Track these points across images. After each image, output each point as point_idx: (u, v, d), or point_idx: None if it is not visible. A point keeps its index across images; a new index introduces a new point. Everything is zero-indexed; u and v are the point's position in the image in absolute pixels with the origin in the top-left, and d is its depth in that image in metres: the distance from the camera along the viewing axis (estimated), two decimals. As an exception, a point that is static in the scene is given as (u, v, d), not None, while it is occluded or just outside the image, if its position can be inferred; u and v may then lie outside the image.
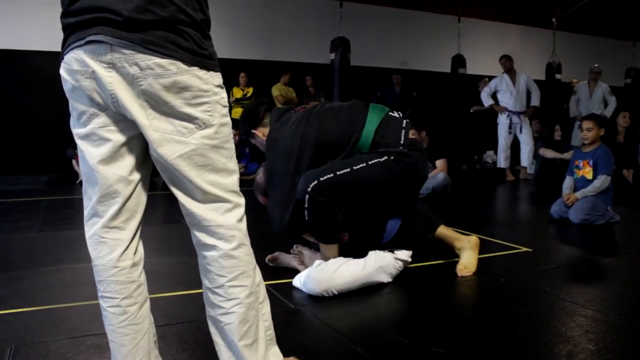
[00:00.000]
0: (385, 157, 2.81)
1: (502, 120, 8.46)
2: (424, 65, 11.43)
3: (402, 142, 2.85)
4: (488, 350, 2.06)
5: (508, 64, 8.37)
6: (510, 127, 8.35)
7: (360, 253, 2.83)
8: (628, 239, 4.30)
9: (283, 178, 2.87)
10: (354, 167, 2.76)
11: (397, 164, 2.82)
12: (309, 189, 2.69)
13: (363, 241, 2.89)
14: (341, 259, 2.77)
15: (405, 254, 2.93)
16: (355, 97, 9.03)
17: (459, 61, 9.81)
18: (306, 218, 2.76)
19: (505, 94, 8.41)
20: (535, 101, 8.39)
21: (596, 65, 9.03)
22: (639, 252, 3.69)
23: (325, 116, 2.94)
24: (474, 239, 3.17)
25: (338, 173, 2.73)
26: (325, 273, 2.66)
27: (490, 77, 9.08)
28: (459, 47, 9.86)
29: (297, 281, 2.77)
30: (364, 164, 2.77)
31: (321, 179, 2.70)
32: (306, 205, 2.71)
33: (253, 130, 3.14)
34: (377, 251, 2.86)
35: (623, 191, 6.25)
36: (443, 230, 3.20)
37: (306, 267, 2.94)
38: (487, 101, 8.55)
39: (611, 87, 9.02)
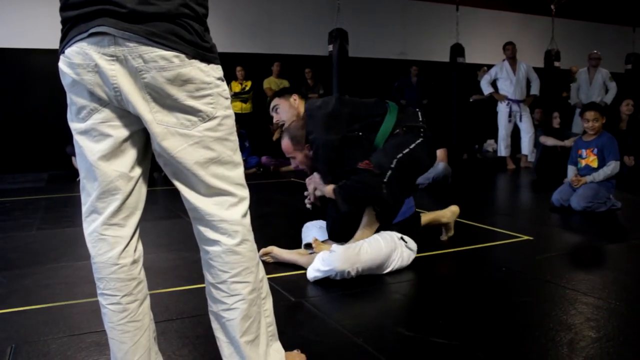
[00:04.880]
0: (421, 139, 3.02)
1: (502, 109, 8.43)
2: (423, 55, 11.40)
3: (420, 119, 3.12)
4: (489, 339, 2.05)
5: (514, 51, 8.34)
6: (510, 116, 8.33)
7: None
8: (630, 226, 4.29)
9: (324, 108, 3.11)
10: (410, 147, 2.97)
11: (427, 147, 3.05)
12: (392, 165, 2.88)
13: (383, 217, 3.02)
14: (360, 241, 2.84)
15: (413, 245, 2.98)
16: (355, 88, 9.01)
17: (457, 50, 9.76)
18: (384, 191, 2.86)
19: (505, 82, 8.38)
20: (535, 90, 8.37)
21: (595, 51, 8.99)
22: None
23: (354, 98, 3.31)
24: (454, 208, 3.52)
25: (404, 152, 2.94)
26: (352, 250, 2.72)
27: (489, 66, 9.04)
28: (457, 36, 9.81)
29: (312, 271, 2.74)
30: (413, 145, 2.99)
31: (398, 156, 2.91)
32: (386, 180, 2.85)
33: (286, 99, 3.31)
34: (389, 234, 2.91)
35: (624, 177, 6.24)
36: (424, 218, 3.40)
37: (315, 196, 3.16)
38: (486, 89, 8.52)
39: (612, 73, 8.98)
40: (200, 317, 2.20)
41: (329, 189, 2.98)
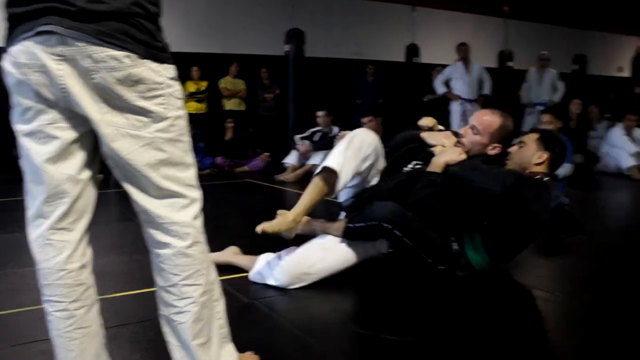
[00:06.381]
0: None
1: (455, 108, 8.58)
2: (379, 55, 11.45)
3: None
4: (440, 335, 2.09)
5: (467, 52, 8.51)
6: (463, 115, 8.48)
7: None
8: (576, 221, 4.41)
9: None
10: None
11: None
12: (383, 223, 2.60)
13: None
14: (317, 249, 2.70)
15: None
16: (311, 88, 8.89)
17: (413, 50, 9.91)
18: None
19: (459, 81, 8.53)
20: (487, 90, 8.55)
21: (544, 52, 9.24)
22: (586, 233, 3.79)
23: None
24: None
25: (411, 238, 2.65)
26: (301, 267, 2.61)
27: (444, 66, 9.18)
28: (413, 36, 9.94)
29: (257, 276, 2.72)
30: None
31: (395, 222, 2.60)
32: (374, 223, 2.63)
33: None
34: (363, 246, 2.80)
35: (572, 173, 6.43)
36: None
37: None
38: (440, 88, 8.66)
39: (560, 73, 9.24)
40: (152, 321, 2.15)
41: (438, 163, 2.70)
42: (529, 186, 2.56)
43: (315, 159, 7.23)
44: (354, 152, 2.68)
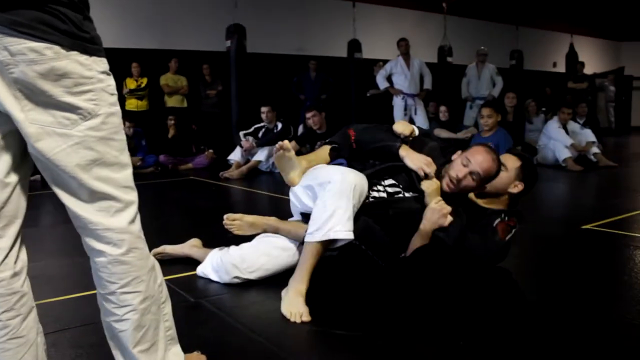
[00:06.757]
0: None
1: (398, 103, 8.71)
2: (321, 51, 11.49)
3: None
4: (388, 328, 2.11)
5: (407, 47, 8.63)
6: (405, 109, 8.62)
7: None
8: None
9: None
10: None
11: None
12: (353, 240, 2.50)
13: None
14: (266, 248, 2.65)
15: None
16: (254, 84, 8.83)
17: (354, 46, 9.98)
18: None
19: (400, 76, 8.66)
20: (428, 84, 8.72)
21: (482, 47, 9.48)
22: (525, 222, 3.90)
23: None
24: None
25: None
26: (247, 264, 2.57)
27: (385, 61, 9.30)
28: (354, 31, 10.01)
29: (201, 271, 2.70)
30: None
31: (362, 237, 2.57)
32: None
33: None
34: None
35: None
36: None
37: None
38: (382, 84, 8.77)
39: (498, 68, 9.50)
40: (94, 324, 2.08)
41: (427, 234, 2.60)
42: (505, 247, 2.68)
43: (259, 155, 7.20)
44: (358, 202, 2.49)
